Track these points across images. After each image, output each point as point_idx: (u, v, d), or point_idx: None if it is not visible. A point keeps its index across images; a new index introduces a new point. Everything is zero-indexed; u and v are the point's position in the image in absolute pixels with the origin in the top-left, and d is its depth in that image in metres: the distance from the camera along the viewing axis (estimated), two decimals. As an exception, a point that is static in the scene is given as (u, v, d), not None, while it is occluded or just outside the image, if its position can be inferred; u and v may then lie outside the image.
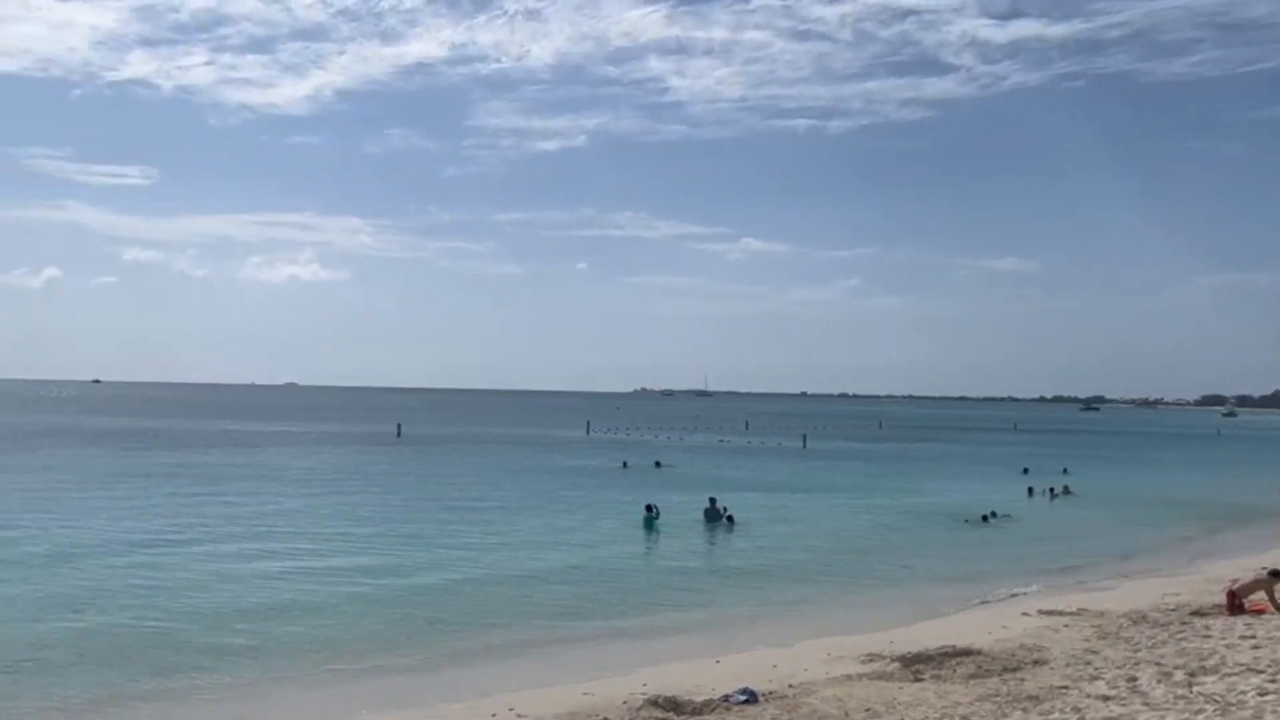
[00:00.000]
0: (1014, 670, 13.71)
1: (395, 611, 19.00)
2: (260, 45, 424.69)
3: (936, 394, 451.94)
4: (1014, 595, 21.66)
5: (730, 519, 31.59)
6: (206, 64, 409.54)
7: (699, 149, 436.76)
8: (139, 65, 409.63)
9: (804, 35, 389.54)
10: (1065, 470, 55.19)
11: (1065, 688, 12.44)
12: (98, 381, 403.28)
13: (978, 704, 11.86)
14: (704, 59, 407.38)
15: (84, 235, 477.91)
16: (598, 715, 12.14)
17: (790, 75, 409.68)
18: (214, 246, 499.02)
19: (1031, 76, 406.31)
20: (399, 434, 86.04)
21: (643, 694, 12.90)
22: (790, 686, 13.14)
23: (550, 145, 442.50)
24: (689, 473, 53.66)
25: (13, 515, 30.39)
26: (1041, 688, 12.47)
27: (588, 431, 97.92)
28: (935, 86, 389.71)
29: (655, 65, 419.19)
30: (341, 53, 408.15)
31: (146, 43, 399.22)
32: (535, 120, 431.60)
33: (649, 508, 31.39)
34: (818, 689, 12.98)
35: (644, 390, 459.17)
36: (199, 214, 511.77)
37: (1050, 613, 18.64)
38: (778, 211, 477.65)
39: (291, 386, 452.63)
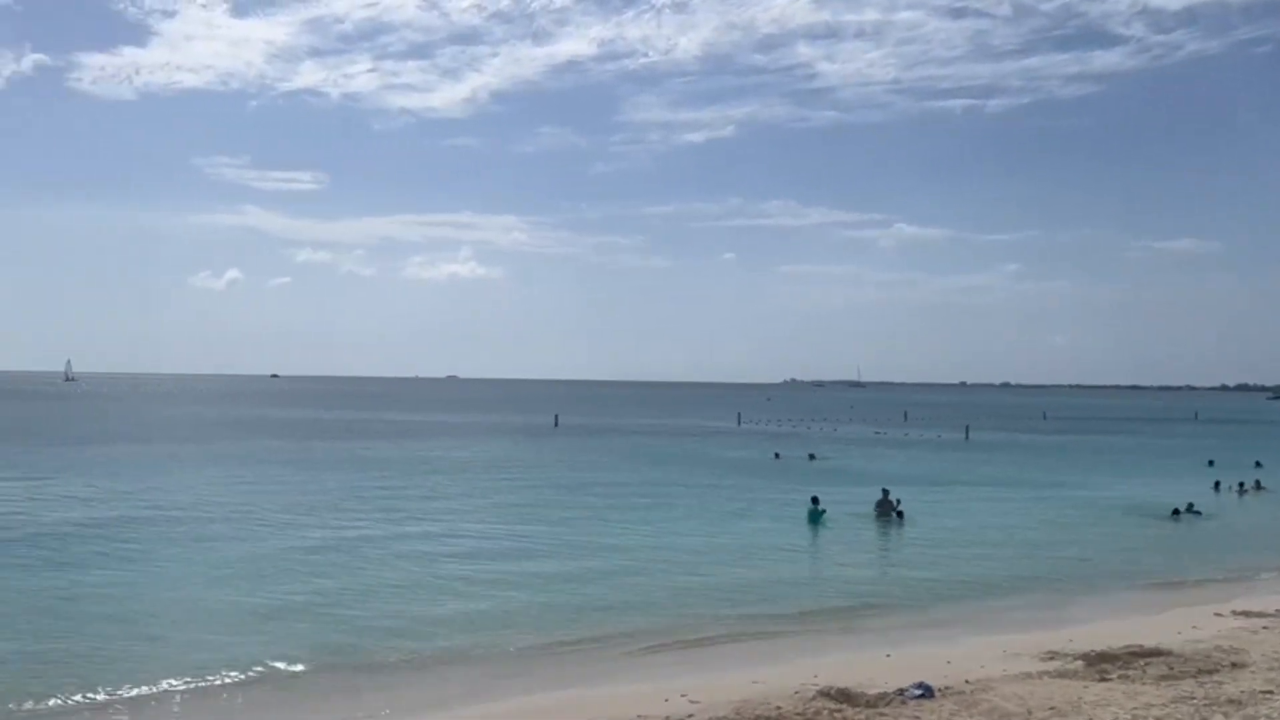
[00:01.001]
0: (1210, 673, 12.97)
1: (561, 604, 19.44)
2: (419, 51, 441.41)
3: (1106, 383, 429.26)
4: (1206, 594, 20.41)
5: (900, 513, 30.90)
6: (370, 71, 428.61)
7: (850, 134, 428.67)
8: (309, 75, 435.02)
9: (960, 13, 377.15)
10: (1258, 464, 51.40)
11: (1270, 693, 11.70)
12: (275, 376, 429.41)
13: (1172, 706, 11.27)
14: (855, 42, 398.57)
15: (261, 238, 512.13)
16: (769, 704, 12.16)
17: (946, 55, 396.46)
18: (379, 247, 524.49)
19: (1210, 44, 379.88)
20: (556, 424, 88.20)
21: (814, 685, 12.85)
22: (967, 682, 12.81)
23: (697, 137, 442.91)
24: (845, 465, 52.85)
25: (194, 506, 32.79)
26: (1243, 692, 11.77)
27: (738, 423, 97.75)
28: (1102, 60, 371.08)
29: (804, 51, 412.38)
30: (495, 55, 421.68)
31: (315, 53, 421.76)
32: (683, 113, 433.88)
33: (814, 500, 31.03)
34: (996, 685, 12.62)
35: (794, 381, 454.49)
36: (365, 216, 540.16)
37: (1247, 614, 17.52)
38: (933, 195, 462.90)
39: (452, 379, 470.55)
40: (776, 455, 56.97)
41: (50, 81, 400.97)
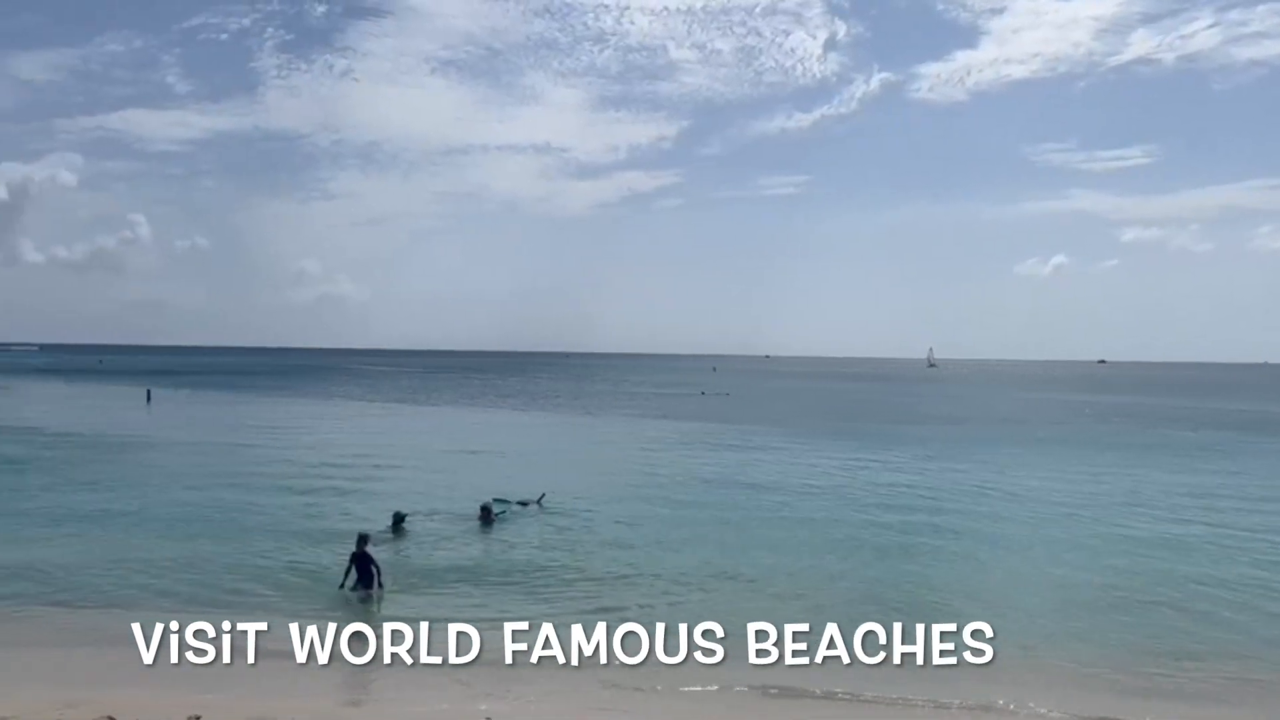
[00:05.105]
0: None
1: None
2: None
3: None
4: None
5: None
6: (1211, 26, 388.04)
7: None
8: (1140, 45, 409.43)
9: None
10: None
11: None
12: (1102, 362, 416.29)
13: None
14: None
15: (1087, 221, 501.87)
16: None
17: None
18: (1218, 219, 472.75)
19: None
20: None
21: None
22: None
23: None
24: None
25: (1017, 486, 34.27)
26: None
27: None
28: None
29: None
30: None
31: (1147, 19, 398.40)
32: None
33: None
34: None
35: None
36: (1202, 186, 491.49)
37: None
38: None
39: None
40: None
41: (894, 96, 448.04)
